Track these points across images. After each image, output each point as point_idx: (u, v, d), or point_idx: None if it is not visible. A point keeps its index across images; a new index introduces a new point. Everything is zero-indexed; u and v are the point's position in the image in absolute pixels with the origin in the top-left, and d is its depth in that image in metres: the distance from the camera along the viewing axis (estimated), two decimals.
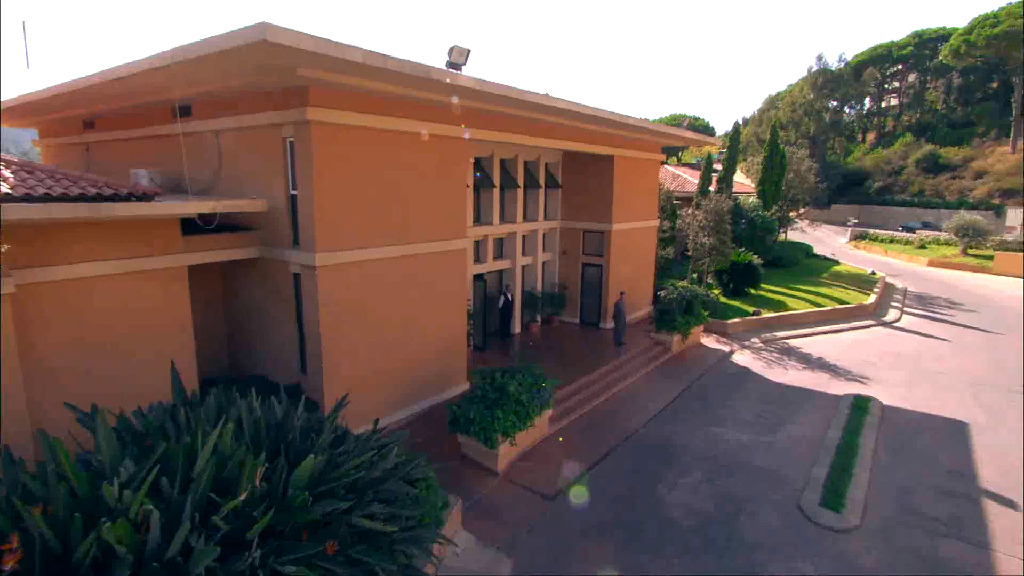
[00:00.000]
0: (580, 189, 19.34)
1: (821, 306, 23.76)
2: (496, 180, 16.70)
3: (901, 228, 53.75)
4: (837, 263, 36.09)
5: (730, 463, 11.30)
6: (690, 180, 35.42)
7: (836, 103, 73.71)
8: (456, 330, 13.35)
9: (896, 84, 80.00)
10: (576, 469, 10.92)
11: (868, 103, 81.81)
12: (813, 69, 70.59)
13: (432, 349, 12.66)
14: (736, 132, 34.87)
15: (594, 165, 18.81)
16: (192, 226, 9.82)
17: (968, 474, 11.14)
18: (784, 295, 25.29)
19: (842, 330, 21.77)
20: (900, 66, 77.73)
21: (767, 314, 22.10)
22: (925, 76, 76.32)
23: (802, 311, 22.88)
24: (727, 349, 19.01)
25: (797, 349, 19.38)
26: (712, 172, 33.28)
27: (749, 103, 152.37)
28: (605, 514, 9.57)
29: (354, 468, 6.14)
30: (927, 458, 11.73)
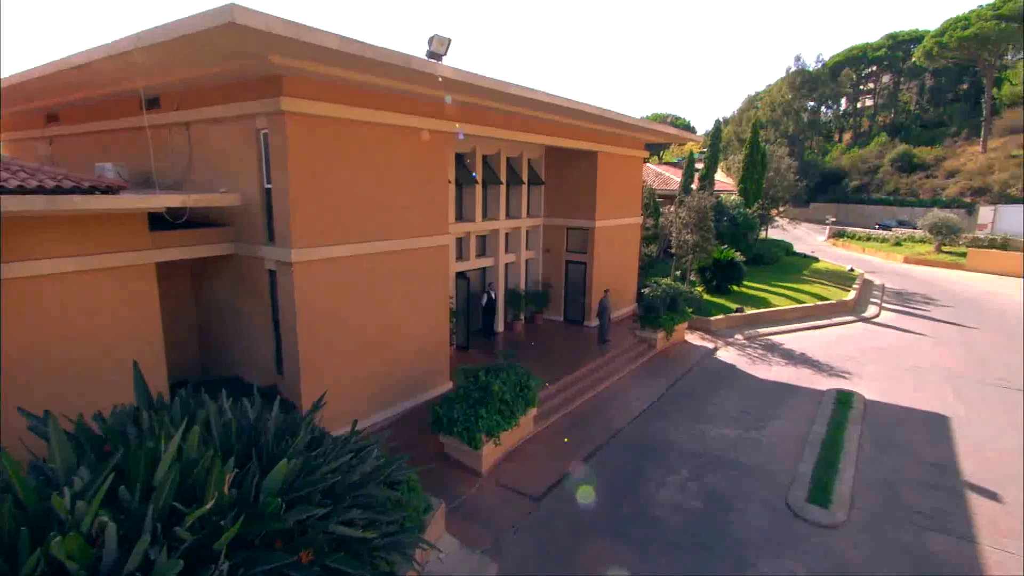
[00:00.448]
0: (563, 186, 19.17)
1: (803, 303, 23.94)
2: (478, 176, 16.44)
3: (877, 226, 54.69)
4: (817, 260, 36.51)
5: (717, 460, 11.21)
6: (672, 178, 35.51)
7: (814, 103, 74.83)
8: (438, 328, 13.06)
9: (871, 85, 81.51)
10: (562, 468, 10.71)
11: (844, 103, 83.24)
12: (791, 69, 71.55)
13: (414, 348, 12.36)
14: (717, 130, 35.05)
15: (577, 161, 18.65)
16: (161, 222, 9.40)
17: (950, 467, 11.20)
18: (766, 292, 25.44)
19: (824, 326, 21.95)
20: (875, 67, 79.18)
21: (750, 311, 22.18)
22: (899, 77, 77.87)
23: (784, 307, 23.02)
24: (711, 346, 19.00)
25: (780, 345, 19.45)
26: (694, 171, 33.40)
27: (728, 103, 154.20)
28: (593, 513, 9.38)
29: (331, 472, 5.85)
30: (910, 452, 11.77)
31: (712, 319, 20.83)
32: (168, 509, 4.53)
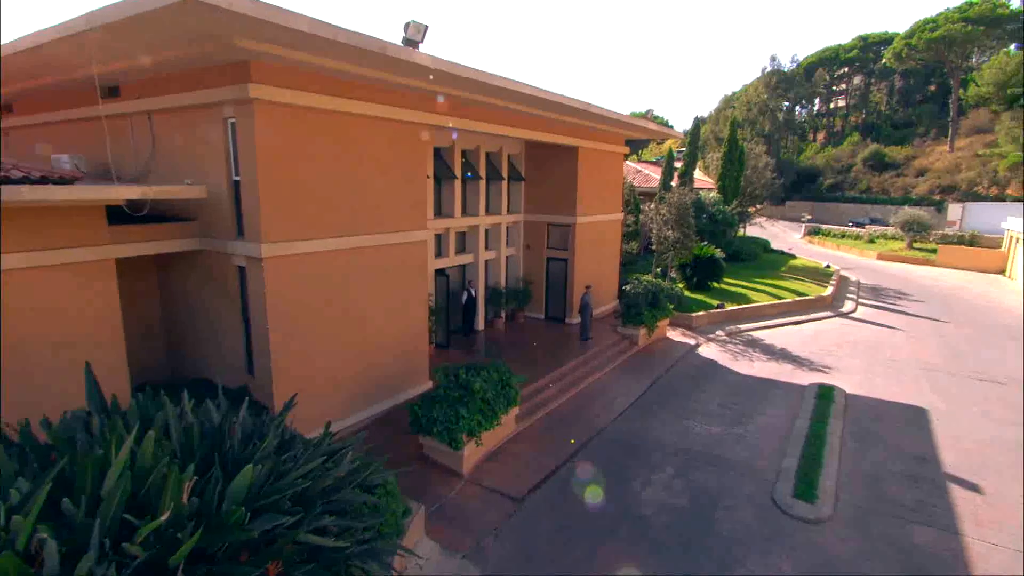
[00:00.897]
0: (544, 182, 18.94)
1: (782, 298, 24.11)
2: (457, 171, 16.11)
3: (851, 223, 55.72)
4: (794, 257, 36.95)
5: (702, 456, 11.07)
6: (652, 176, 35.60)
7: (788, 103, 76.07)
8: (417, 326, 12.71)
9: (843, 86, 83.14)
10: (546, 468, 10.46)
11: (818, 104, 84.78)
12: (767, 69, 72.68)
13: (392, 346, 11.99)
14: (696, 128, 35.25)
15: (558, 157, 18.44)
16: (123, 216, 8.88)
17: (931, 459, 11.24)
18: (746, 288, 25.57)
19: (803, 321, 22.11)
20: (846, 68, 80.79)
21: (731, 307, 22.24)
22: (869, 78, 79.56)
23: (764, 303, 23.14)
24: (693, 342, 18.96)
25: (761, 340, 19.51)
26: (673, 168, 33.55)
27: (705, 103, 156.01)
28: (577, 513, 9.15)
29: (302, 477, 5.49)
30: (891, 444, 11.80)
31: (693, 315, 20.81)
32: (118, 522, 4.14)
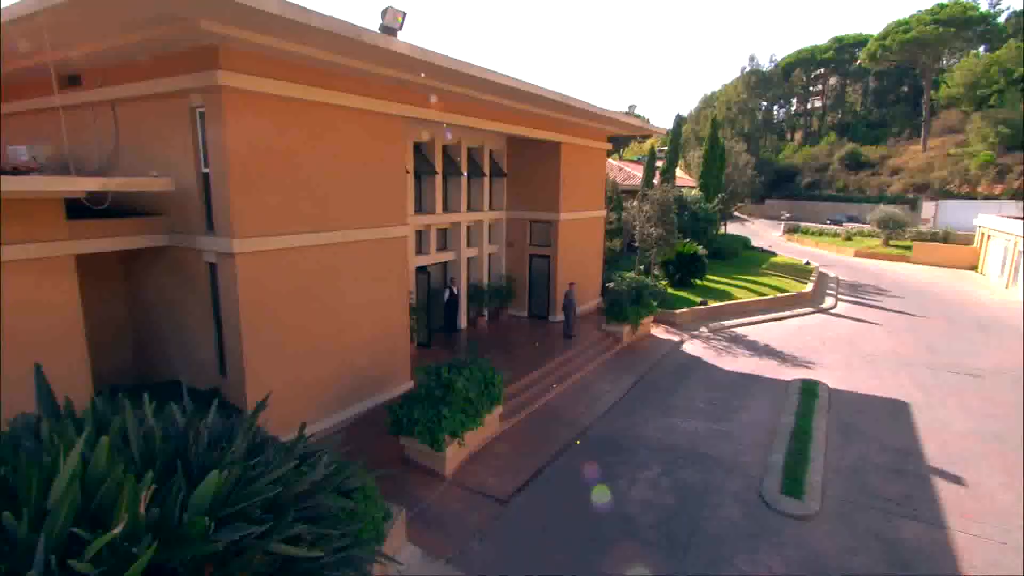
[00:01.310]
0: (526, 178, 18.71)
1: (763, 295, 24.25)
2: (438, 167, 15.79)
3: (829, 221, 56.53)
4: (774, 254, 37.30)
5: (688, 454, 10.94)
6: (634, 173, 35.66)
7: (767, 103, 77.06)
8: (397, 325, 12.38)
9: (820, 87, 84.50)
10: (530, 468, 10.23)
11: (796, 104, 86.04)
12: (746, 69, 73.47)
13: (371, 345, 11.65)
14: (678, 126, 35.37)
15: (540, 153, 18.22)
16: (86, 212, 8.41)
17: (914, 452, 11.27)
18: (728, 285, 25.66)
19: (784, 317, 22.24)
20: (822, 69, 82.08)
21: (714, 303, 22.27)
22: (845, 79, 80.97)
23: (746, 300, 23.24)
24: (677, 339, 18.91)
25: (744, 337, 19.54)
26: (655, 166, 33.61)
27: (685, 103, 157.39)
28: (563, 514, 8.93)
29: (273, 482, 5.17)
30: (875, 438, 11.81)
31: (677, 312, 20.78)
32: (66, 537, 3.79)
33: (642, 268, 23.90)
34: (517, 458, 10.54)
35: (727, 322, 21.05)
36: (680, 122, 36.15)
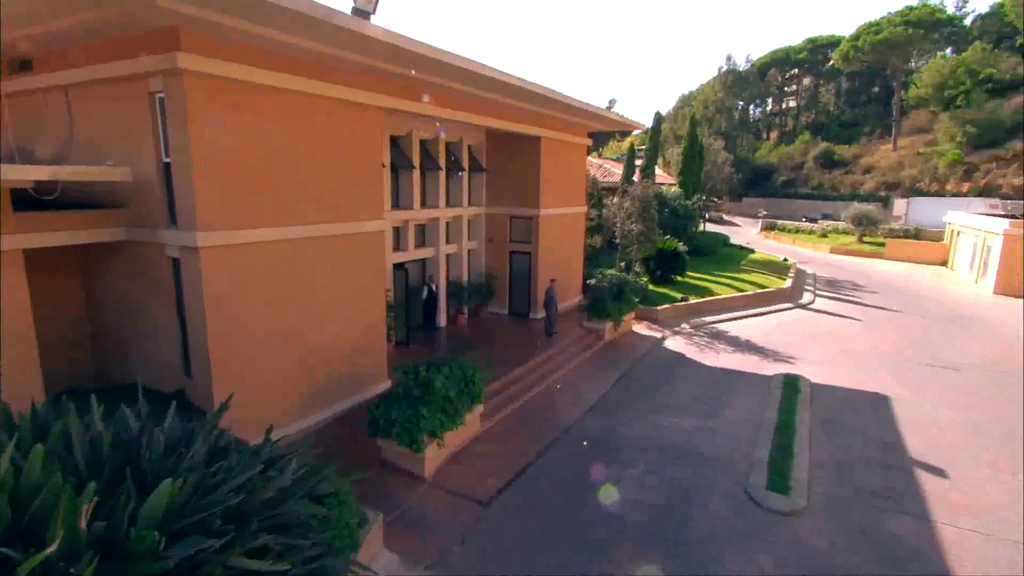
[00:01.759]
0: (506, 173, 18.39)
1: (743, 291, 24.31)
2: (416, 161, 15.38)
3: (804, 219, 57.34)
4: (752, 251, 37.60)
5: (673, 451, 10.75)
6: (614, 171, 35.60)
7: (743, 102, 77.99)
8: (374, 322, 11.97)
9: (794, 87, 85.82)
10: (513, 468, 9.93)
11: (771, 103, 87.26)
12: (723, 69, 74.19)
13: (347, 344, 11.22)
14: (658, 123, 35.37)
15: (520, 147, 17.93)
16: (38, 205, 7.87)
17: (897, 446, 11.25)
18: (708, 281, 25.69)
19: (764, 313, 22.31)
20: (796, 70, 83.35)
21: (695, 300, 22.24)
22: (818, 80, 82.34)
23: (727, 296, 23.27)
24: (659, 335, 18.79)
25: (725, 333, 19.51)
26: (635, 164, 33.57)
27: (664, 102, 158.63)
28: (547, 515, 8.64)
29: (235, 490, 4.78)
30: (858, 432, 11.78)
31: (658, 309, 20.68)
32: None
33: (623, 265, 23.77)
34: (499, 458, 10.23)
35: (708, 318, 21.02)
36: (660, 119, 36.14)
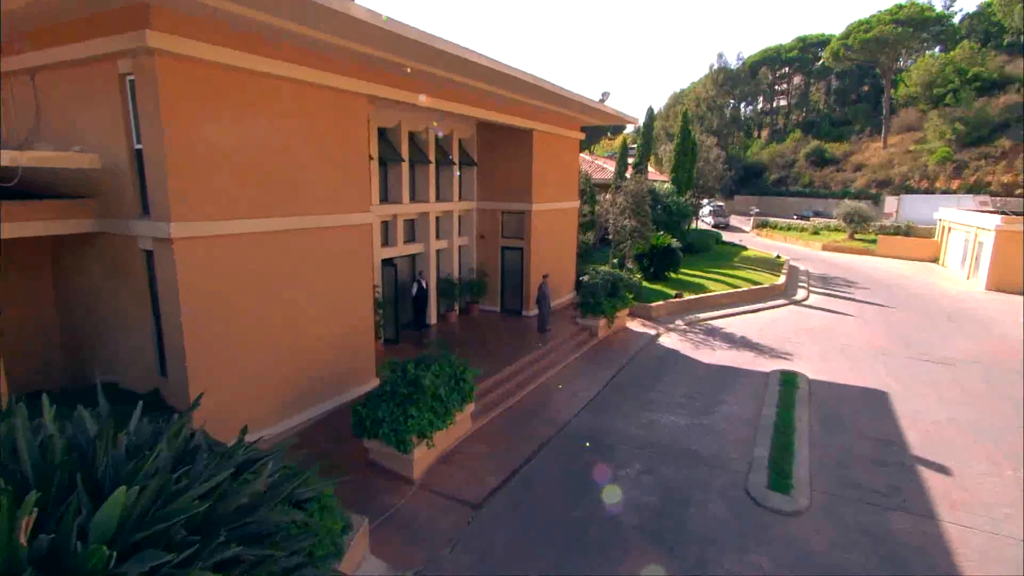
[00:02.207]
0: (497, 167, 18.02)
1: (737, 287, 24.10)
2: (404, 154, 14.98)
3: (796, 216, 57.40)
4: (745, 249, 37.46)
5: (670, 450, 10.45)
6: (607, 167, 35.33)
7: (734, 100, 78.04)
8: (361, 319, 11.57)
9: (785, 85, 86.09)
10: (505, 469, 9.58)
11: (762, 102, 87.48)
12: (714, 67, 74.19)
13: (333, 342, 10.81)
14: (650, 119, 35.12)
15: (511, 141, 17.56)
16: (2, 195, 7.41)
17: (897, 442, 11.02)
18: (702, 278, 25.47)
19: (759, 309, 22.11)
20: (787, 68, 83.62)
21: (689, 296, 22.00)
22: (809, 78, 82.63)
23: (721, 293, 23.04)
24: (653, 332, 18.51)
25: (720, 329, 19.27)
26: (627, 160, 33.32)
27: (655, 100, 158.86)
28: (540, 518, 8.30)
29: (201, 497, 4.39)
30: (857, 429, 11.54)
31: (652, 305, 20.41)
32: None
33: (616, 261, 23.48)
34: (491, 459, 9.88)
35: (702, 315, 20.78)
36: (652, 115, 35.90)
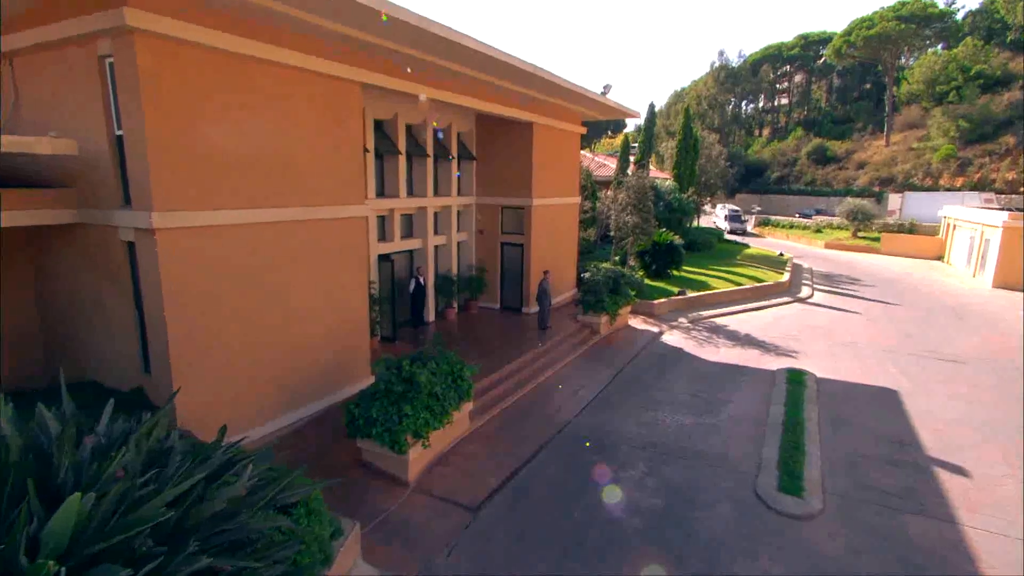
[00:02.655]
0: (497, 161, 17.65)
1: (741, 285, 23.73)
2: (401, 147, 14.60)
3: (798, 214, 57.00)
4: (747, 246, 37.09)
5: (674, 450, 10.07)
6: (608, 164, 34.96)
7: (735, 98, 77.65)
8: (356, 315, 11.19)
9: (786, 83, 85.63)
10: (504, 471, 9.21)
11: (763, 100, 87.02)
12: (716, 64, 73.87)
13: (327, 339, 10.44)
14: (652, 114, 34.75)
15: (511, 134, 17.19)
16: None
17: (910, 442, 10.64)
18: (705, 276, 25.09)
19: (763, 307, 21.72)
20: (788, 66, 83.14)
21: (692, 293, 21.62)
22: (810, 76, 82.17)
23: (724, 290, 22.66)
24: (656, 330, 18.13)
25: (724, 327, 18.89)
26: (629, 157, 32.99)
27: (656, 98, 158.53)
28: (540, 522, 7.93)
29: (171, 503, 4.02)
30: (868, 428, 11.16)
31: (655, 303, 20.03)
32: None
33: (618, 258, 23.11)
34: (489, 460, 9.51)
35: (706, 312, 20.40)
36: (654, 110, 35.52)
